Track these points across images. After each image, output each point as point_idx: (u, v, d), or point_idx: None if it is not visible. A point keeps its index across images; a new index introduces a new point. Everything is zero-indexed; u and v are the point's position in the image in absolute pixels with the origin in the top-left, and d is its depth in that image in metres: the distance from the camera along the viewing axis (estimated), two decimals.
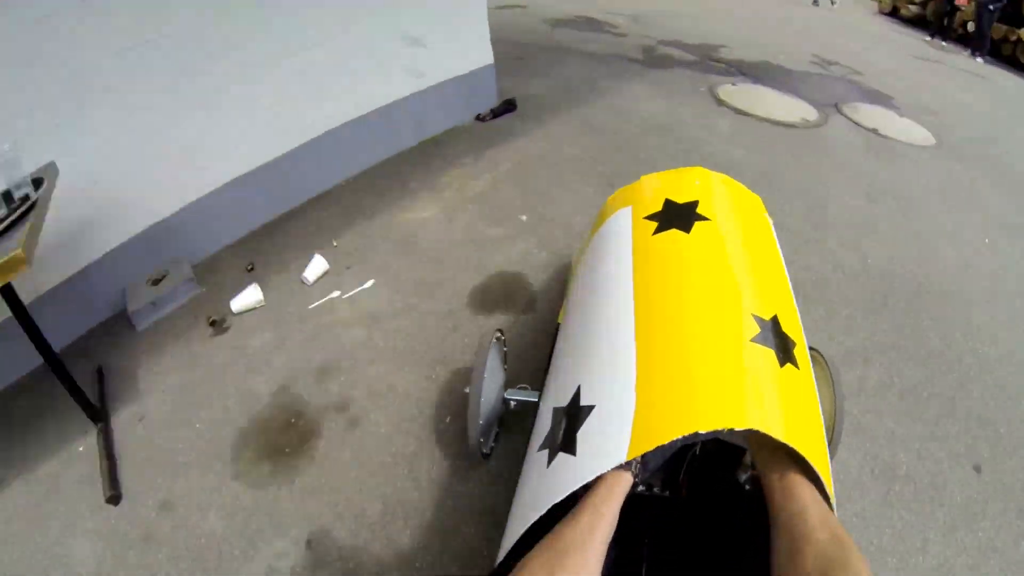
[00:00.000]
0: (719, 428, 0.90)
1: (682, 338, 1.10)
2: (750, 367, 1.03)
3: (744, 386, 1.00)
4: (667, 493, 1.29)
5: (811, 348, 1.72)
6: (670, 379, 1.03)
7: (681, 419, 0.94)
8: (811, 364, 1.68)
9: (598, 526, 0.88)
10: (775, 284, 1.34)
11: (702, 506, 1.25)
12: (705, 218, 1.41)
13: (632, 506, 1.21)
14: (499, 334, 1.83)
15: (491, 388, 1.67)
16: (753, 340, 1.08)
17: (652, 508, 1.29)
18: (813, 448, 0.95)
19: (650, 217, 1.46)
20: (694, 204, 1.45)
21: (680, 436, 0.90)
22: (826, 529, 0.81)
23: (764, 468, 0.95)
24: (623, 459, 0.91)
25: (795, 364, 1.10)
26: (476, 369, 1.61)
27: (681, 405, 0.98)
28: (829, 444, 1.60)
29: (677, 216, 1.42)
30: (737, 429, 0.90)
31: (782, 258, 1.51)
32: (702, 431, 0.90)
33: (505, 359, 1.95)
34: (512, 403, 1.75)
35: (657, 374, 1.04)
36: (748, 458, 1.22)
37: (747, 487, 1.21)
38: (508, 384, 1.88)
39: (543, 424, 1.16)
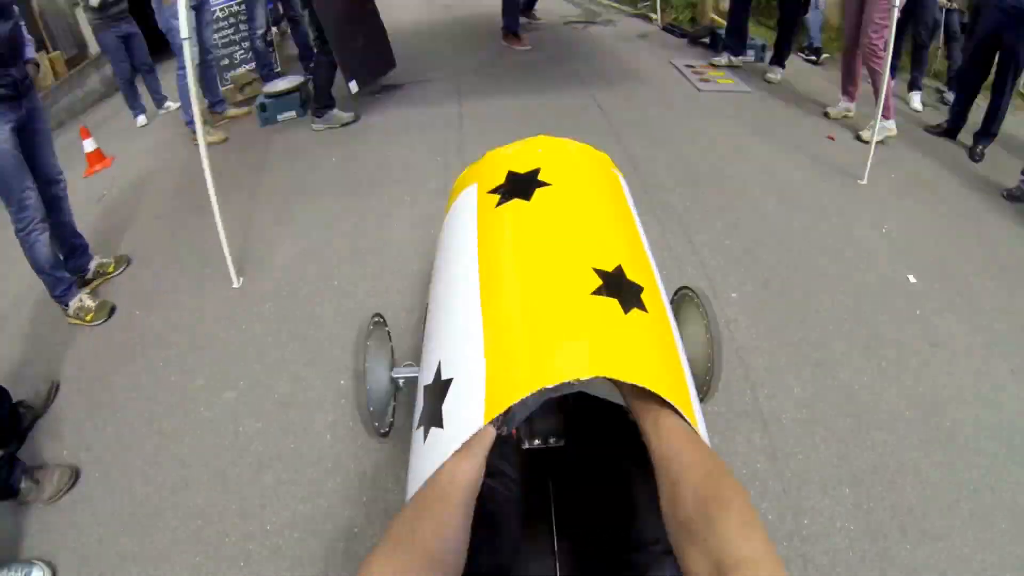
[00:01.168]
0: (564, 380, 0.94)
1: (523, 301, 1.14)
2: (591, 318, 1.07)
3: (584, 337, 1.04)
4: (561, 443, 1.42)
5: (685, 287, 1.88)
6: (514, 341, 1.07)
7: (527, 377, 0.97)
8: (687, 302, 1.87)
9: (458, 477, 0.91)
10: (620, 236, 1.38)
11: (592, 450, 1.34)
12: (546, 184, 1.44)
13: (533, 460, 1.42)
14: (378, 318, 1.91)
15: (377, 372, 1.76)
16: (594, 293, 1.12)
17: (551, 458, 1.44)
18: (671, 386, 1.00)
19: (493, 191, 1.49)
20: (535, 172, 1.48)
21: (530, 393, 0.94)
22: (701, 468, 0.82)
23: (638, 415, 0.98)
24: (481, 424, 0.94)
25: (643, 308, 1.14)
26: (356, 359, 1.70)
27: (525, 364, 1.01)
28: (709, 378, 1.72)
29: (518, 186, 1.45)
30: (583, 378, 0.94)
31: (632, 208, 1.58)
32: (549, 385, 0.94)
33: (390, 338, 2.03)
34: (401, 381, 1.89)
35: (503, 338, 1.08)
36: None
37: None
38: (397, 363, 1.98)
39: (419, 403, 1.20)
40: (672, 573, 0.94)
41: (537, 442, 1.42)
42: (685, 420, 0.94)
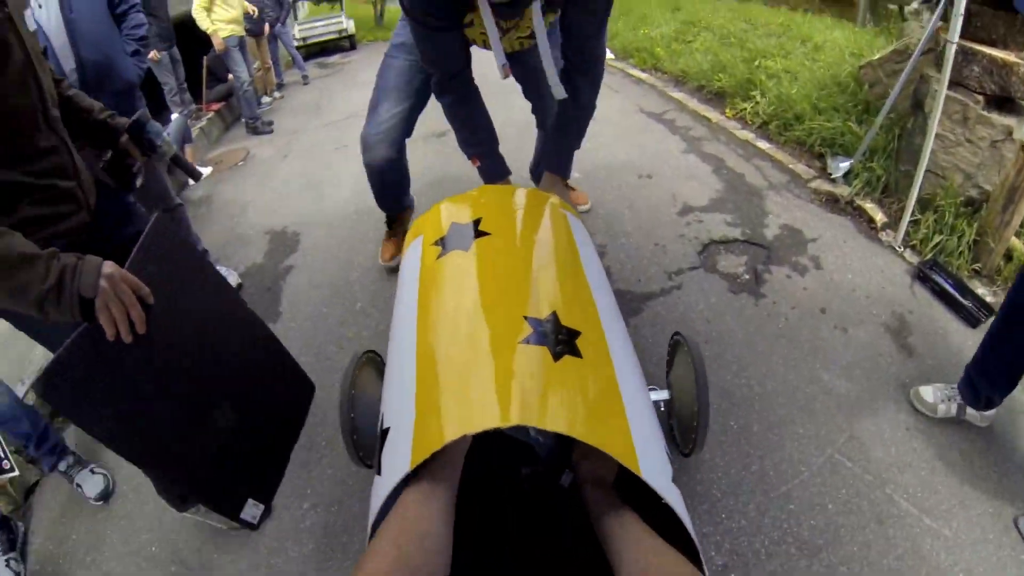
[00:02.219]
0: (484, 428, 0.94)
1: (452, 352, 1.17)
2: (517, 367, 1.08)
3: (506, 386, 1.04)
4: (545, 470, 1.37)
5: (677, 333, 1.81)
6: (441, 391, 1.09)
7: (449, 425, 0.99)
8: (679, 349, 1.79)
9: (435, 494, 0.95)
10: (559, 281, 1.38)
11: (538, 501, 1.34)
12: (486, 233, 1.47)
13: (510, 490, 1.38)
14: (371, 353, 1.86)
15: (366, 406, 1.72)
16: (523, 341, 1.13)
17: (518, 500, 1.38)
18: (605, 432, 1.00)
19: (436, 243, 1.51)
20: (477, 222, 1.51)
21: (451, 440, 0.94)
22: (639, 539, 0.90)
23: (580, 467, 1.05)
24: (407, 470, 0.95)
25: (576, 354, 1.14)
26: (342, 395, 1.66)
27: (448, 413, 1.04)
28: (695, 424, 1.63)
29: (459, 237, 1.48)
30: (503, 426, 0.94)
31: (580, 250, 1.56)
32: (469, 433, 0.96)
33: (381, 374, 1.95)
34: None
35: (431, 388, 1.11)
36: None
37: (565, 486, 1.28)
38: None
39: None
40: None
41: (526, 469, 1.39)
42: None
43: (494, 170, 2.07)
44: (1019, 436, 1.93)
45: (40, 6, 2.48)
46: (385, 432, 1.13)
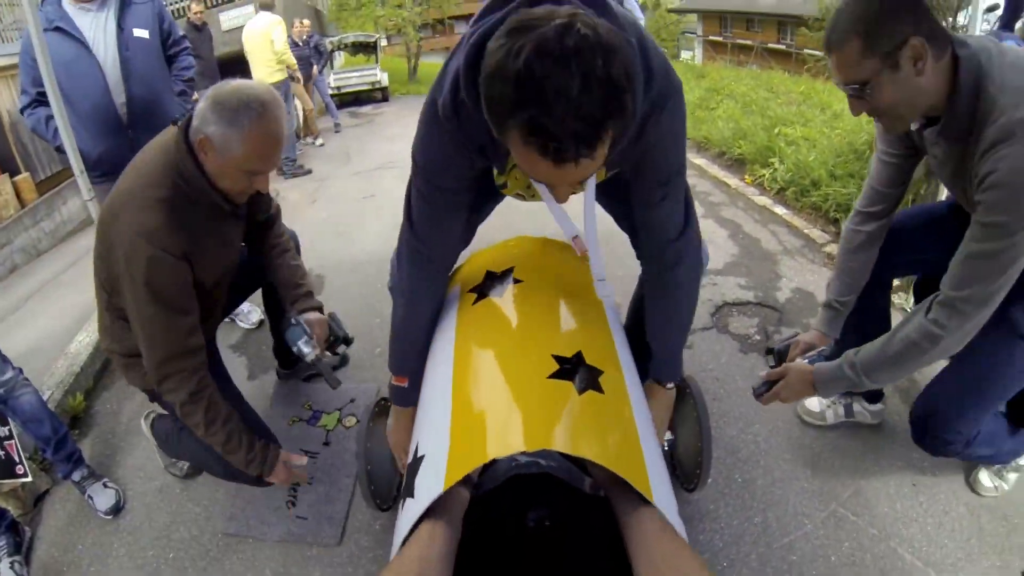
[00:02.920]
0: (512, 453, 1.07)
1: (485, 387, 1.30)
2: (543, 399, 1.20)
3: (533, 415, 1.17)
4: (552, 525, 1.45)
5: (685, 378, 1.78)
6: (474, 420, 1.21)
7: (480, 450, 1.10)
8: (683, 394, 1.79)
9: (436, 536, 1.01)
10: (585, 324, 1.52)
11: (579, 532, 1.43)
12: (519, 280, 1.60)
13: (528, 541, 1.45)
14: (383, 401, 1.89)
15: (382, 450, 1.80)
16: (550, 376, 1.24)
17: (547, 541, 1.46)
18: (622, 462, 1.10)
19: (472, 290, 1.64)
20: (510, 270, 1.64)
21: (481, 464, 1.06)
22: (668, 561, 0.93)
23: (614, 501, 1.08)
24: (441, 490, 1.04)
25: (598, 390, 1.25)
26: (358, 446, 1.74)
27: (479, 439, 1.15)
28: (699, 469, 1.70)
29: (494, 284, 1.62)
30: (530, 451, 1.06)
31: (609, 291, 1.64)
32: (499, 456, 1.08)
33: None
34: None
35: (465, 418, 1.22)
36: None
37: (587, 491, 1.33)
38: None
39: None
40: None
41: (532, 523, 1.47)
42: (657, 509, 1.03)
43: (411, 396, 1.61)
44: None
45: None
46: (420, 459, 1.21)
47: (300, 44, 8.10)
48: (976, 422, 1.71)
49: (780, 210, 4.19)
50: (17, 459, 2.07)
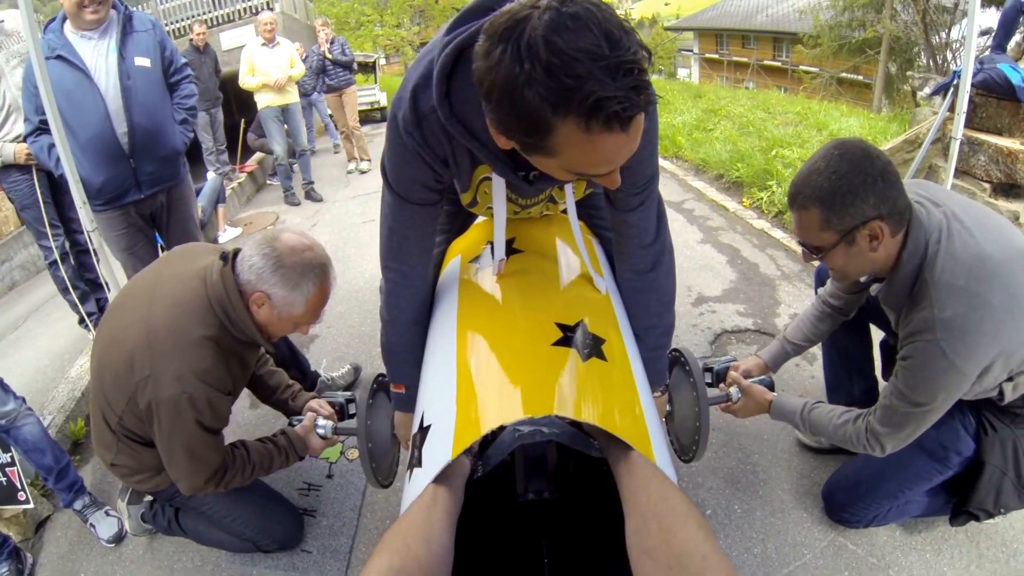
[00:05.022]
0: (520, 418, 1.05)
1: (489, 354, 1.29)
2: (548, 366, 1.20)
3: (538, 382, 1.17)
4: (556, 496, 1.47)
5: (675, 349, 1.86)
6: (479, 388, 1.21)
7: (486, 417, 1.10)
8: (676, 365, 1.87)
9: (439, 500, 1.00)
10: (587, 293, 1.52)
11: (582, 503, 1.46)
12: (520, 251, 1.60)
13: (526, 513, 1.50)
14: (381, 377, 1.89)
15: (381, 426, 1.81)
16: (554, 344, 1.25)
17: (544, 512, 1.50)
18: (626, 426, 1.11)
19: (473, 260, 1.65)
20: (511, 240, 1.62)
21: (489, 431, 1.05)
22: (665, 502, 0.91)
23: (611, 461, 1.06)
24: (449, 458, 1.04)
25: (602, 358, 1.26)
26: (359, 425, 1.74)
27: (486, 406, 1.16)
28: (697, 438, 1.74)
29: (495, 254, 1.57)
30: (537, 416, 1.04)
31: (605, 268, 1.67)
32: (506, 423, 1.06)
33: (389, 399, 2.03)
34: None
35: (470, 387, 1.22)
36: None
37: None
38: None
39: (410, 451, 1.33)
40: None
41: (531, 495, 1.49)
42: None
43: (411, 401, 1.56)
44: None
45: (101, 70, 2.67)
46: (426, 429, 1.22)
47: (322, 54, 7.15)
48: (872, 508, 1.89)
49: (779, 234, 4.22)
50: (19, 485, 2.08)
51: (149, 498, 2.16)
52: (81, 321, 3.32)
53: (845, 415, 1.70)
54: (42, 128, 2.64)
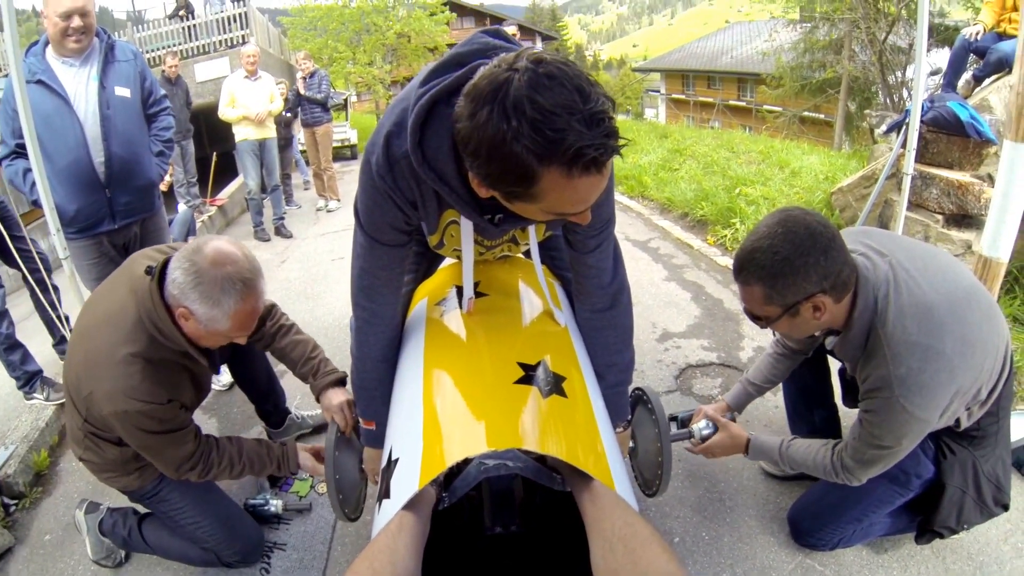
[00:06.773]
0: (481, 451, 1.12)
1: (454, 391, 1.37)
2: (511, 403, 1.27)
3: (501, 418, 1.24)
4: (523, 530, 1.49)
5: (638, 388, 1.94)
6: (445, 423, 1.28)
7: (452, 451, 1.16)
8: (640, 404, 1.93)
9: (405, 527, 1.05)
10: (548, 334, 1.59)
11: (550, 537, 1.50)
12: (485, 294, 1.68)
13: (494, 546, 1.52)
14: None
15: (348, 463, 1.84)
16: (516, 382, 1.32)
17: (512, 545, 1.52)
18: (585, 459, 1.17)
19: (440, 303, 1.71)
20: (475, 284, 1.66)
21: (454, 463, 1.11)
22: (628, 528, 0.96)
23: (576, 494, 1.12)
24: (416, 488, 1.10)
25: (562, 395, 1.33)
26: (327, 459, 1.76)
27: (451, 440, 1.21)
28: (660, 472, 1.80)
29: (460, 297, 1.65)
30: (500, 450, 1.12)
31: (566, 309, 1.74)
32: (470, 456, 1.13)
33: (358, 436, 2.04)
34: None
35: (436, 422, 1.28)
36: None
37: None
38: None
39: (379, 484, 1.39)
40: None
41: (499, 529, 1.50)
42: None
43: (380, 438, 1.61)
44: (988, 529, 2.04)
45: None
46: (394, 462, 1.27)
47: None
48: (838, 532, 1.94)
49: None
50: None
51: (107, 505, 2.18)
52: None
53: (822, 449, 1.76)
54: (18, 152, 2.61)
